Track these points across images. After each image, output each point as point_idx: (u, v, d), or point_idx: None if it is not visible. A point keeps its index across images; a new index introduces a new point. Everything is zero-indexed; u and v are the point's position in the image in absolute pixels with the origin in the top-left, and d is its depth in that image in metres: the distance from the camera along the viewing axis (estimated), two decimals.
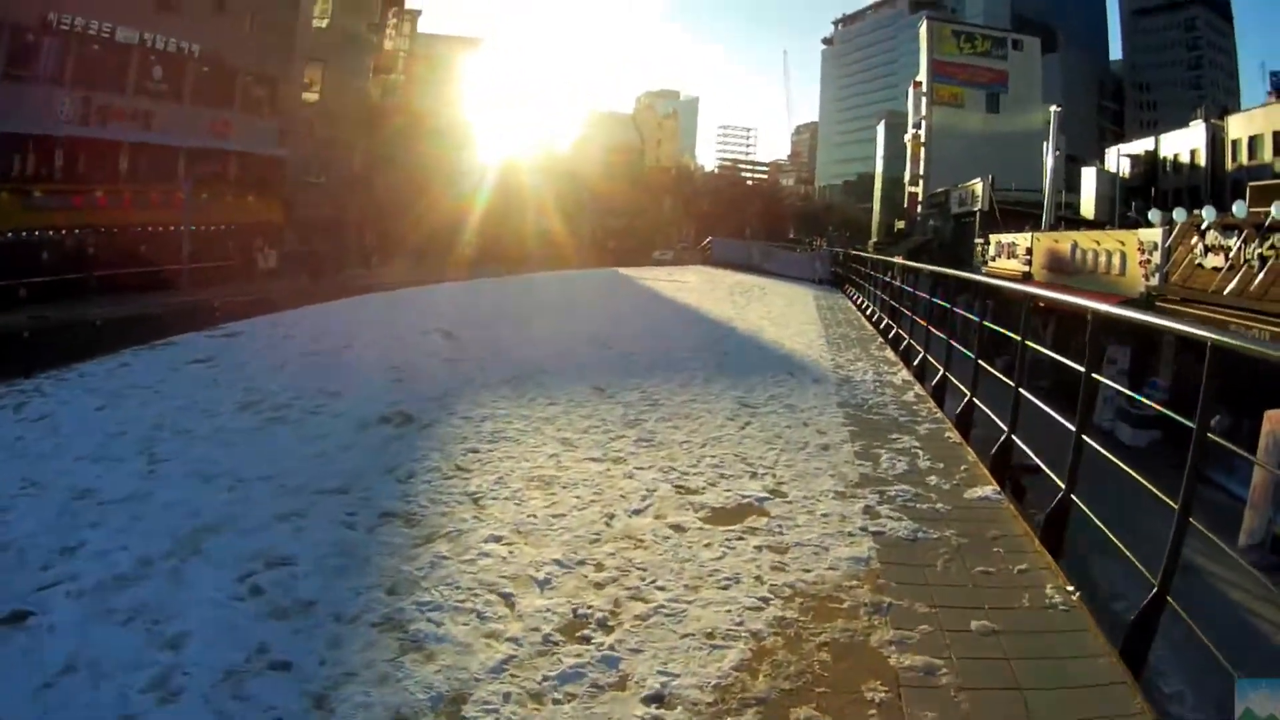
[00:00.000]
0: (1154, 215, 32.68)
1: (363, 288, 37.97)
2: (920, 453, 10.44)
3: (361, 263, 65.85)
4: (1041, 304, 14.45)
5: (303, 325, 20.40)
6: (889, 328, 21.50)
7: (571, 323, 23.12)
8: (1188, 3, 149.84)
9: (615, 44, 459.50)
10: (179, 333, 18.00)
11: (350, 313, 24.20)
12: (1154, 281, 31.76)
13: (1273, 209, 26.18)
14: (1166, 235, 31.22)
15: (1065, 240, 40.60)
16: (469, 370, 15.04)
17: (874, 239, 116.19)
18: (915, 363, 15.97)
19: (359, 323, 21.53)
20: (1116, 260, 34.77)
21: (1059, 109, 58.65)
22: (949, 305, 14.77)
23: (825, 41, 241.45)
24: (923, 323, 15.73)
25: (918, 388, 14.79)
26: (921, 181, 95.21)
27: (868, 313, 27.16)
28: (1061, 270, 39.64)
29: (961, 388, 11.84)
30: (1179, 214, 31.28)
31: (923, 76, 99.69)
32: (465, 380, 14.15)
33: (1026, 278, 42.14)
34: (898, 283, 21.77)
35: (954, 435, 11.35)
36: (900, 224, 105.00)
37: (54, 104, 42.30)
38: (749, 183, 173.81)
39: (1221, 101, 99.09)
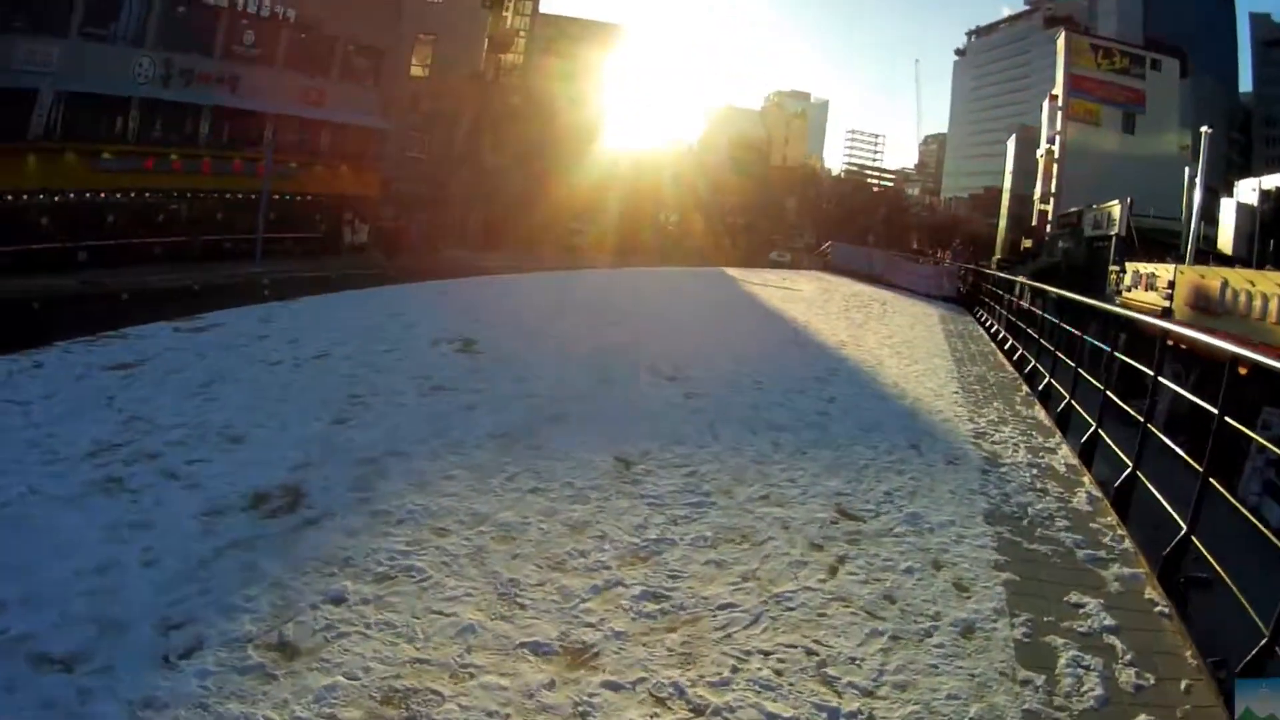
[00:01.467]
0: None
1: (447, 271, 35.08)
2: (1119, 645, 5.99)
3: (460, 244, 62.01)
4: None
5: (297, 320, 16.20)
6: (1035, 372, 16.63)
7: (640, 336, 18.17)
8: None
9: (747, 43, 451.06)
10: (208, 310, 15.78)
11: (378, 304, 19.95)
12: None
13: None
14: None
15: (1213, 277, 35.46)
16: (453, 408, 10.62)
17: (998, 255, 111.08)
18: (1083, 439, 10.90)
19: (370, 320, 16.98)
20: (1276, 306, 29.72)
21: (1209, 130, 52.45)
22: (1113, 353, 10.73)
23: (958, 52, 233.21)
24: (1099, 387, 10.81)
25: (1089, 483, 10.03)
26: (1052, 200, 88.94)
27: (1005, 346, 22.03)
28: (1208, 310, 34.55)
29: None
30: None
31: (1059, 90, 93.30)
32: (436, 428, 9.69)
33: (1166, 314, 37.12)
34: (1049, 316, 16.90)
35: (1159, 598, 6.85)
36: (1027, 242, 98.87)
37: (130, 65, 40.21)
38: (874, 188, 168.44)
39: None
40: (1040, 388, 15.07)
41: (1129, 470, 8.73)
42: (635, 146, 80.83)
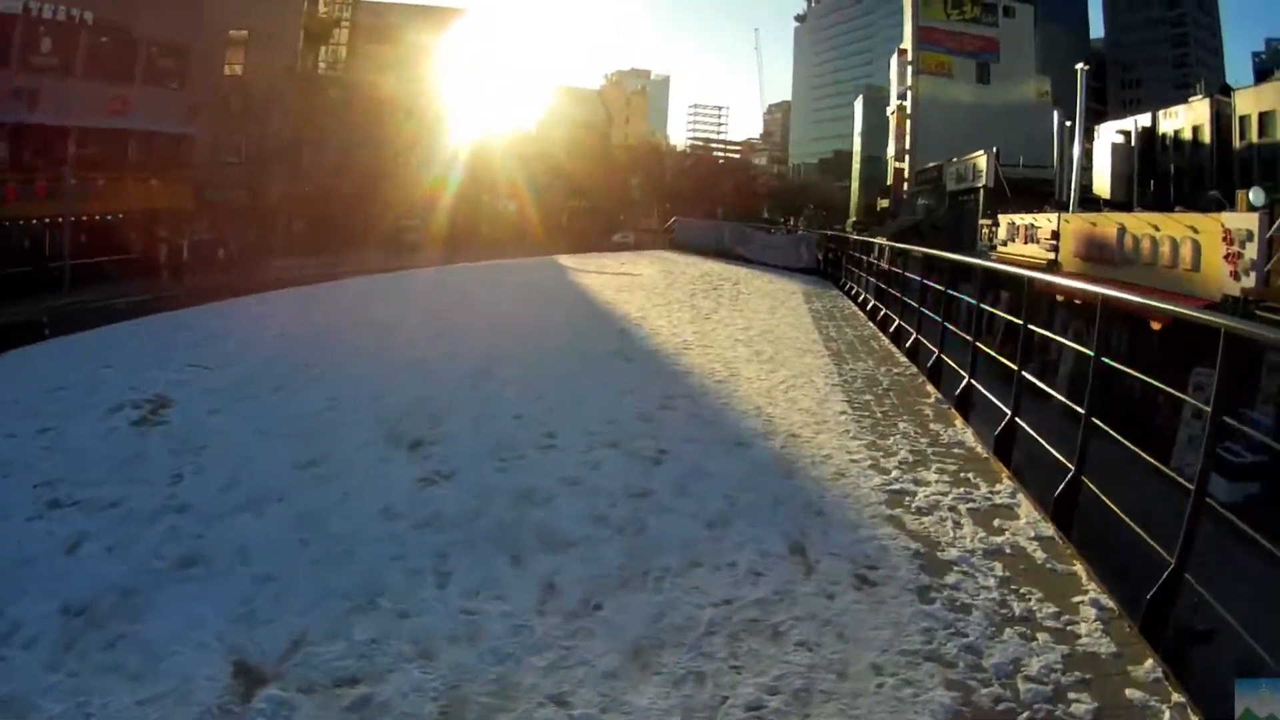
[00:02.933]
0: (1254, 194, 24.63)
1: (247, 286, 30.01)
2: None
3: (286, 252, 56.45)
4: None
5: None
6: (940, 364, 12.84)
7: (405, 371, 13.28)
8: None
9: (582, 21, 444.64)
10: None
11: (95, 349, 15.55)
12: (1248, 281, 24.47)
13: None
14: (1268, 222, 22.86)
15: (1107, 223, 32.46)
16: (49, 547, 6.51)
17: (853, 218, 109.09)
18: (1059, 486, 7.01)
19: (72, 375, 12.61)
20: (1187, 251, 27.01)
21: (1085, 67, 49.24)
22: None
23: (798, 18, 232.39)
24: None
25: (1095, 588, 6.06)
26: (907, 157, 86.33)
27: (890, 329, 17.74)
28: (1104, 260, 32.01)
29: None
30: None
31: (907, 44, 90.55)
32: None
33: (1052, 267, 33.80)
34: (934, 285, 14.44)
35: None
36: (883, 202, 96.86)
37: None
38: (720, 161, 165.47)
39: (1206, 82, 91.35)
40: (958, 393, 10.96)
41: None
42: (470, 134, 75.50)
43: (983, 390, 10.15)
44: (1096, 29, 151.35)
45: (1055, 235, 35.23)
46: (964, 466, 8.67)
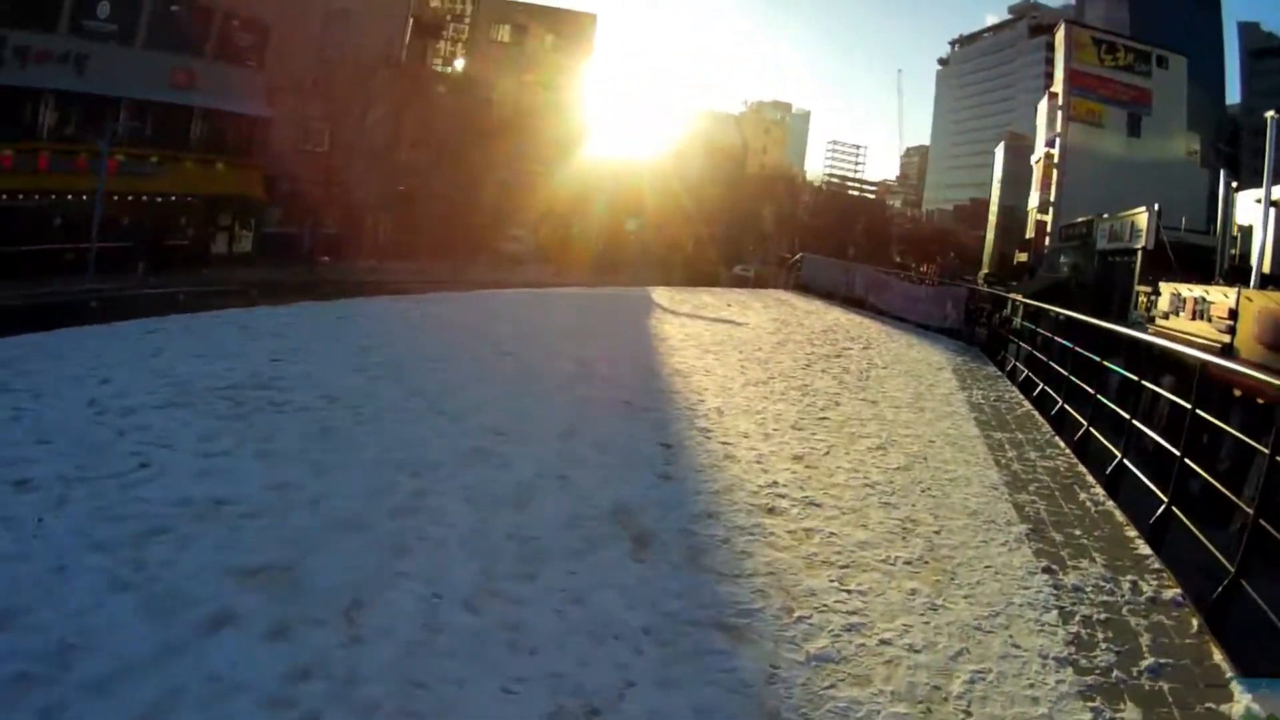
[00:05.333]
0: None
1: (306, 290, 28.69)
2: None
3: (373, 253, 51.78)
4: None
5: None
6: None
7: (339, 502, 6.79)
8: None
9: (727, 51, 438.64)
10: None
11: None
12: None
13: None
14: None
15: None
16: None
17: (985, 270, 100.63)
18: None
19: None
20: None
21: (1276, 115, 40.20)
22: None
23: (941, 62, 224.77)
24: None
25: None
26: (1051, 209, 77.51)
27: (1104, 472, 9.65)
28: None
29: None
30: None
31: (1059, 88, 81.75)
32: None
33: (1226, 352, 26.14)
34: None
35: None
36: (1022, 256, 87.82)
37: None
38: (854, 194, 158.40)
39: None
40: None
41: None
42: (596, 148, 69.36)
43: None
44: (1233, 94, 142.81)
45: (1232, 314, 27.15)
46: None
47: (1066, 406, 12.55)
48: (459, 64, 66.24)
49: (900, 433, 12.19)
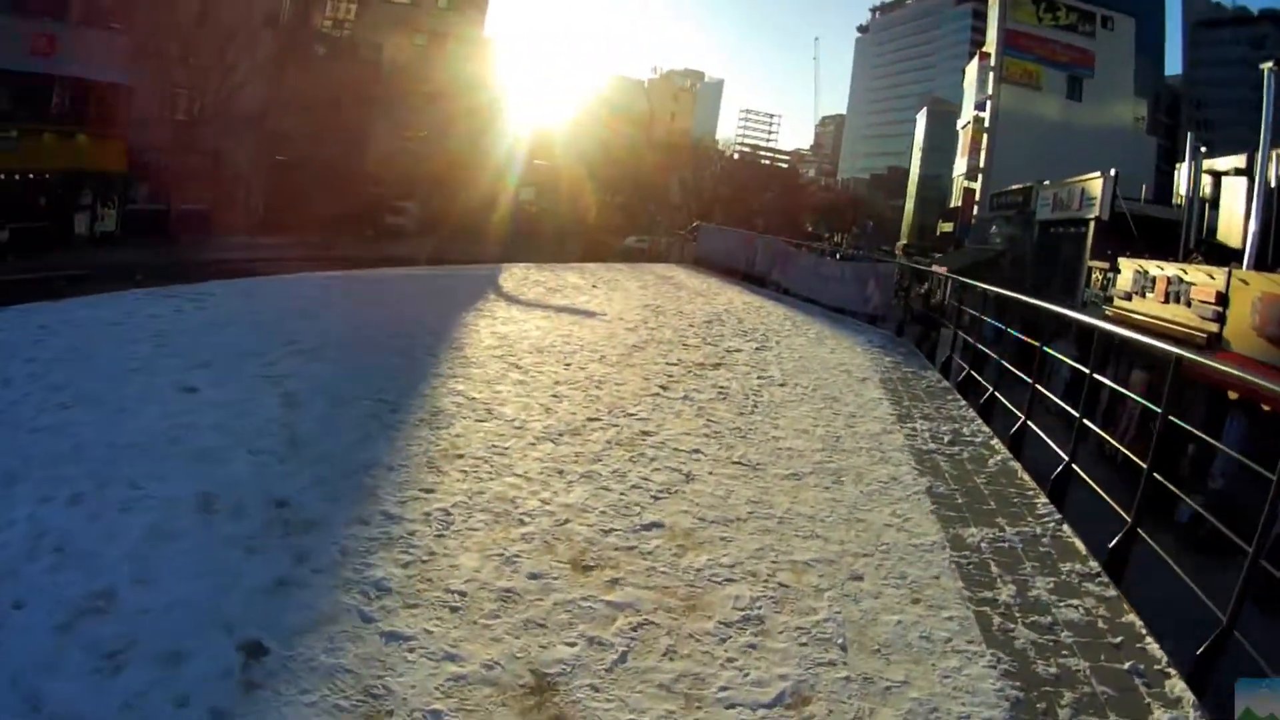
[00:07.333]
0: None
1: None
2: None
3: (244, 226, 48.08)
4: None
5: None
6: None
7: None
8: (1258, 18, 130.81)
9: (638, 20, 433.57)
10: None
11: None
12: None
13: None
14: None
15: None
16: None
17: (904, 240, 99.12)
18: None
19: None
20: None
21: (1274, 68, 35.83)
22: None
23: (860, 29, 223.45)
24: None
25: None
26: (981, 176, 75.13)
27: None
28: None
29: None
30: None
31: (991, 47, 79.27)
32: None
33: (1214, 342, 23.08)
34: None
35: None
36: (945, 226, 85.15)
37: None
38: (766, 164, 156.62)
39: None
40: None
41: None
42: (491, 114, 65.81)
43: None
44: (1174, 64, 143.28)
45: (1220, 298, 23.47)
46: None
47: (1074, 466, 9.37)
48: (348, 27, 63.07)
49: (800, 580, 6.56)
